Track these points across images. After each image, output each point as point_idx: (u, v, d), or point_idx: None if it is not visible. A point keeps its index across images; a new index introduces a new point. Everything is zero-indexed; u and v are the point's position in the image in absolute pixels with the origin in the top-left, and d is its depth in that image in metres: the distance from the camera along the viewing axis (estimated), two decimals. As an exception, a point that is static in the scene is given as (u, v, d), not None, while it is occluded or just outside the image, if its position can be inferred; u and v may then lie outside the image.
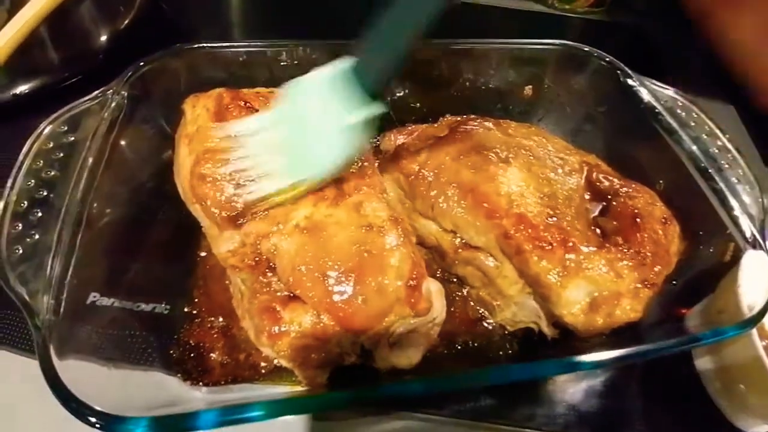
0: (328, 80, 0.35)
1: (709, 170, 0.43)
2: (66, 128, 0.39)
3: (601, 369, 0.43)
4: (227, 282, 0.42)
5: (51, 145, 0.38)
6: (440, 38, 0.53)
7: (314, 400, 0.33)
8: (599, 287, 0.37)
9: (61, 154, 0.38)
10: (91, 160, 0.37)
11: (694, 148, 0.44)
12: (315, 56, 0.49)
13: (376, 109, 0.34)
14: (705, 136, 0.45)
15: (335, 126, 0.35)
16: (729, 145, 0.45)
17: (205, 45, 0.46)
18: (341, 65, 0.35)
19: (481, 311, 0.45)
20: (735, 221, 0.41)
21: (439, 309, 0.39)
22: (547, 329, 0.41)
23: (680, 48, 0.80)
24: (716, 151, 0.45)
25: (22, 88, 0.56)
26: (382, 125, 0.52)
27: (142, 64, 0.43)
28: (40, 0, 0.46)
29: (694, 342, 0.36)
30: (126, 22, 0.62)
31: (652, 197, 0.43)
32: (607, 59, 0.50)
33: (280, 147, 0.37)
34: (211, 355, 0.40)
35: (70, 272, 0.33)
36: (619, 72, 0.50)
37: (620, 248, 0.38)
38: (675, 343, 0.34)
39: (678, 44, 0.80)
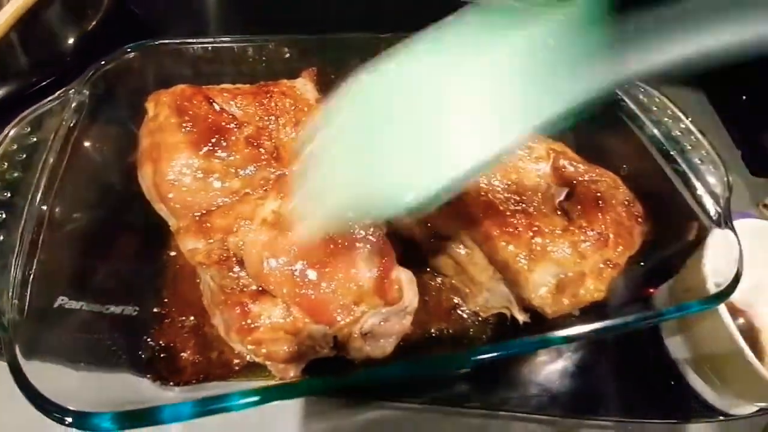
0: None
1: (672, 153, 0.44)
2: (29, 129, 0.39)
3: (569, 346, 0.43)
4: (197, 281, 0.42)
5: (15, 146, 0.38)
6: (411, 32, 0.53)
7: (280, 390, 0.33)
8: (564, 269, 0.37)
9: (24, 156, 0.37)
10: (51, 160, 0.37)
11: (656, 131, 0.45)
12: (284, 52, 0.49)
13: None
14: (668, 120, 0.46)
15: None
16: (692, 127, 0.46)
17: (168, 41, 0.45)
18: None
19: (455, 299, 0.45)
20: (699, 201, 0.42)
21: (410, 297, 0.39)
22: (518, 314, 0.41)
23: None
24: (679, 133, 0.46)
25: (-5, 95, 0.55)
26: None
27: (103, 62, 0.42)
28: (12, 5, 0.45)
29: (659, 317, 0.36)
30: (93, 23, 0.61)
31: (615, 181, 0.44)
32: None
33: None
34: (182, 354, 0.39)
35: (33, 273, 0.33)
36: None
37: (583, 230, 0.39)
38: (640, 317, 0.34)
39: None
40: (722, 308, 0.39)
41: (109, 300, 0.40)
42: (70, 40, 0.60)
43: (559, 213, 0.41)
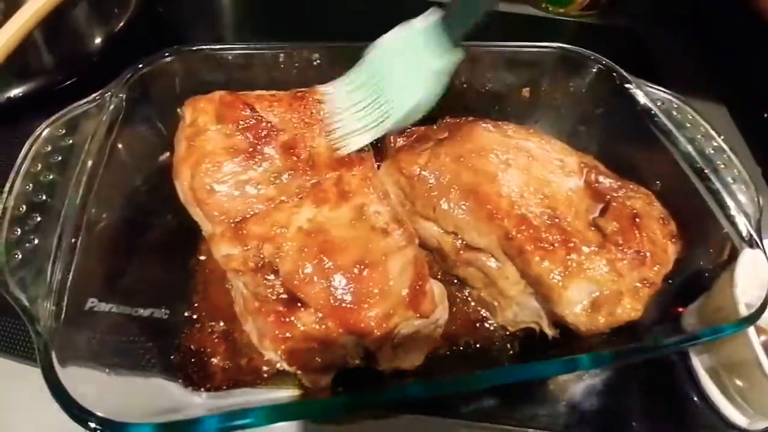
0: (416, 33, 0.39)
1: (705, 170, 0.44)
2: (64, 131, 0.38)
3: (601, 368, 0.43)
4: (228, 286, 0.42)
5: (49, 148, 0.38)
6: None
7: (317, 405, 0.33)
8: (600, 287, 0.37)
9: (60, 158, 0.37)
10: (90, 163, 0.37)
11: (690, 148, 0.45)
12: (313, 58, 0.49)
13: (459, 55, 0.39)
14: (700, 137, 0.46)
15: (423, 72, 0.39)
16: (724, 146, 0.46)
17: (204, 47, 0.45)
18: (429, 19, 0.39)
19: (482, 312, 0.45)
20: (731, 220, 0.42)
21: (441, 310, 0.39)
22: (548, 329, 0.41)
23: (673, 50, 0.81)
24: (712, 151, 0.45)
25: (17, 91, 0.55)
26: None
27: (140, 66, 0.42)
28: (37, 2, 0.45)
29: (694, 340, 0.36)
30: (121, 23, 0.61)
31: (650, 197, 0.44)
32: (604, 62, 0.51)
33: (371, 97, 0.41)
34: (213, 359, 0.39)
35: (70, 277, 0.33)
36: (615, 74, 0.50)
37: (620, 248, 0.38)
38: (675, 341, 0.34)
39: (670, 46, 0.82)
40: (750, 329, 0.39)
41: (139, 303, 0.40)
42: (97, 40, 0.60)
43: (593, 229, 0.41)
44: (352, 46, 0.50)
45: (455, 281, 0.46)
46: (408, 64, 0.39)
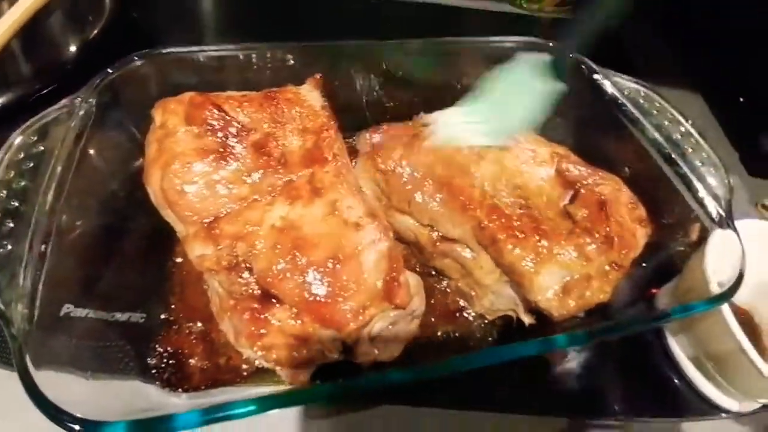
0: (529, 66, 0.46)
1: (673, 155, 0.44)
2: (36, 138, 0.39)
3: (576, 348, 0.44)
4: (204, 286, 0.42)
5: (21, 155, 0.38)
6: (412, 38, 0.54)
7: (296, 396, 0.33)
8: (570, 271, 0.38)
9: (31, 164, 0.37)
10: (59, 169, 0.37)
11: (657, 135, 0.46)
12: (287, 59, 0.50)
13: (561, 87, 0.46)
14: (667, 123, 0.47)
15: (534, 98, 0.46)
16: (692, 130, 0.47)
17: (173, 50, 0.45)
18: (537, 58, 0.47)
19: (460, 302, 0.46)
20: (700, 202, 0.42)
21: (417, 302, 0.39)
22: (524, 316, 0.41)
23: (647, 42, 0.83)
24: (679, 136, 0.46)
25: (-4, 103, 0.55)
26: (359, 125, 0.53)
27: (110, 71, 0.42)
28: (13, 14, 0.46)
29: (665, 318, 0.37)
30: (96, 31, 0.61)
31: (618, 184, 0.45)
32: (571, 54, 0.52)
33: (493, 113, 0.47)
34: (190, 360, 0.39)
35: (41, 282, 0.33)
36: (583, 66, 0.51)
37: (589, 233, 0.39)
38: (646, 318, 0.35)
39: (645, 38, 0.83)
40: (725, 307, 0.40)
41: (115, 307, 0.40)
42: (72, 48, 0.60)
43: (564, 216, 0.41)
44: (325, 45, 0.51)
45: (433, 273, 0.47)
46: (524, 91, 0.46)
